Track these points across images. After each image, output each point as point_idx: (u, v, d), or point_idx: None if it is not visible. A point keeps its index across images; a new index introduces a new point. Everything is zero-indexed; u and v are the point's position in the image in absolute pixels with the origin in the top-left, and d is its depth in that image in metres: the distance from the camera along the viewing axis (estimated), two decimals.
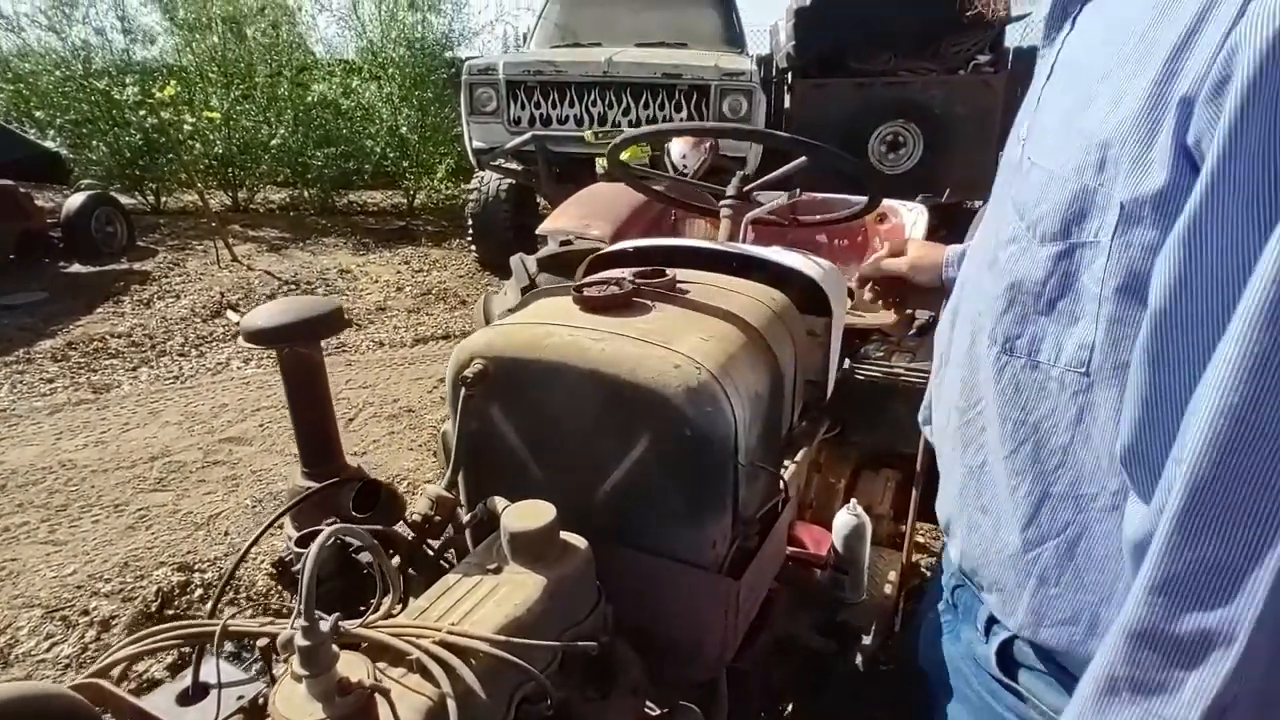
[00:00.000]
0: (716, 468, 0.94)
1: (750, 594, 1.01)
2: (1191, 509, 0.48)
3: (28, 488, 3.15)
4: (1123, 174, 0.55)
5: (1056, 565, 0.69)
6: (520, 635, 0.82)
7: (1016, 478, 0.70)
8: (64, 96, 8.37)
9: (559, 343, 0.97)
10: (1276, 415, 0.44)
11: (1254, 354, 0.45)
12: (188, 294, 5.90)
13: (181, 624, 0.76)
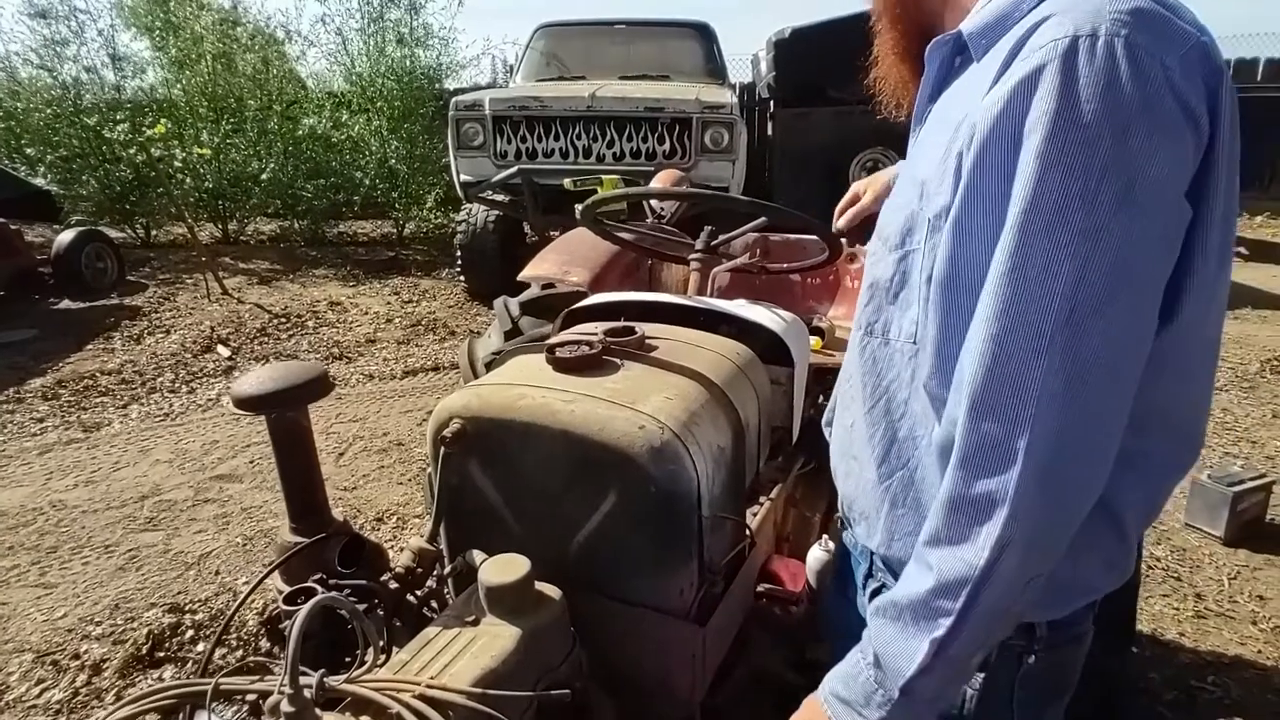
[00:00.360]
0: (681, 520, 1.01)
1: (717, 638, 1.07)
2: (971, 409, 0.69)
3: (18, 529, 3.18)
4: (930, 199, 0.78)
5: (903, 491, 0.87)
6: (497, 686, 0.87)
7: (873, 428, 0.89)
8: (54, 133, 8.44)
9: (531, 404, 1.03)
10: (1019, 342, 0.66)
11: (1003, 300, 0.67)
12: (178, 329, 5.93)
13: (176, 684, 0.82)
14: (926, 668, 0.72)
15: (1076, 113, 0.63)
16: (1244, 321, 5.99)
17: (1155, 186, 0.64)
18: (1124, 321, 0.66)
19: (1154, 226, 0.65)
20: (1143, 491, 0.80)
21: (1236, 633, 2.51)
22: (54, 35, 8.91)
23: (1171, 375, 0.75)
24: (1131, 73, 0.62)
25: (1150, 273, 0.67)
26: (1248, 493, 2.97)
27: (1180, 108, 0.64)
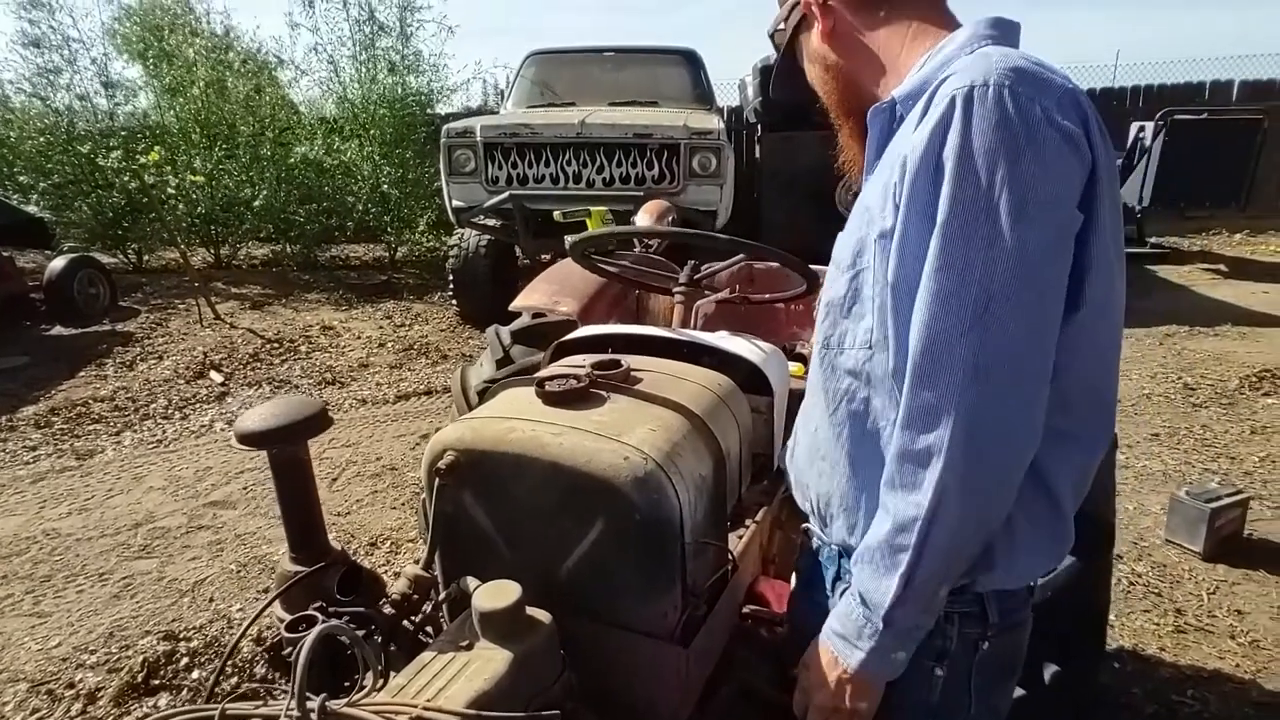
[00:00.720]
0: (665, 546, 1.06)
1: (701, 659, 1.12)
2: (912, 381, 0.84)
3: (11, 558, 3.19)
4: (874, 224, 0.92)
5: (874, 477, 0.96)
6: (490, 707, 0.92)
7: (839, 428, 1.00)
8: (47, 160, 8.50)
9: (521, 437, 1.09)
10: (947, 325, 0.81)
11: (932, 292, 0.82)
12: (170, 355, 5.96)
13: (183, 710, 0.86)
14: (899, 599, 0.88)
15: (978, 144, 0.79)
16: (1223, 338, 6.10)
17: (1045, 201, 0.79)
18: (1029, 308, 0.81)
19: (1047, 233, 0.81)
20: (1072, 466, 0.94)
21: (1215, 647, 2.56)
22: (47, 64, 9.01)
23: (1085, 354, 0.89)
24: (1016, 112, 0.79)
25: (1047, 269, 0.81)
26: (1225, 509, 3.04)
27: (1061, 137, 0.80)
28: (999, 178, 0.78)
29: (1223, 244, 10.15)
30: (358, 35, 9.75)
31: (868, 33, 1.03)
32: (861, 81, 1.06)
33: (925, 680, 0.98)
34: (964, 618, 0.96)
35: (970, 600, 0.96)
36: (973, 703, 0.99)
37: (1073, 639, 1.48)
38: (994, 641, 0.98)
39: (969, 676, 0.98)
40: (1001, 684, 1.04)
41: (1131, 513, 3.45)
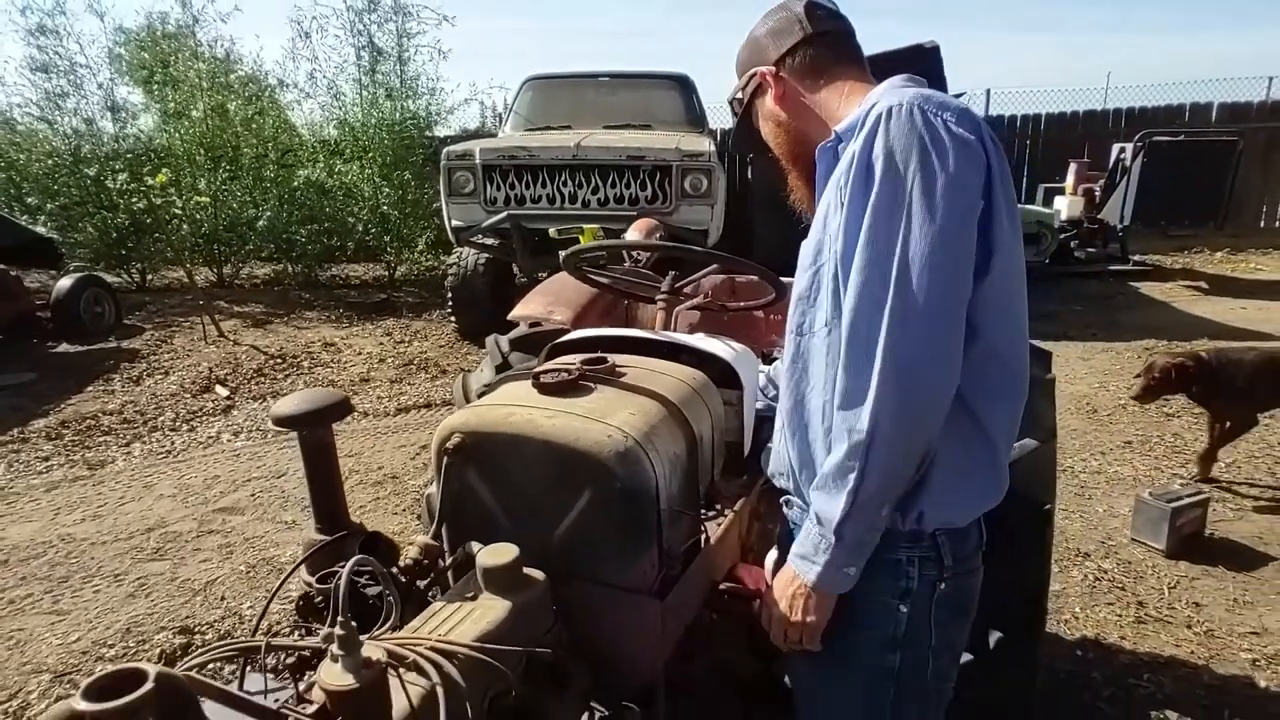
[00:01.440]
0: (643, 513, 1.22)
1: (675, 612, 1.28)
2: (848, 333, 1.06)
3: (29, 561, 3.33)
4: (828, 226, 1.14)
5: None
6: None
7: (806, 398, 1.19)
8: (54, 182, 8.70)
9: (519, 419, 1.26)
10: (875, 284, 1.02)
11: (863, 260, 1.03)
12: (176, 370, 6.12)
13: (235, 641, 1.02)
14: (848, 514, 1.06)
15: (896, 148, 1.02)
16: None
17: (948, 190, 1.00)
18: (942, 269, 1.00)
19: (953, 217, 1.01)
20: (1000, 411, 1.13)
21: (1173, 636, 2.72)
22: (55, 89, 9.24)
23: (995, 313, 1.09)
24: (924, 124, 1.02)
25: (953, 241, 1.01)
26: (1186, 508, 3.20)
27: (959, 142, 1.02)
28: (911, 171, 1.01)
29: (1204, 261, 10.39)
30: (359, 62, 10.02)
31: (810, 95, 1.26)
32: (808, 134, 1.28)
33: (891, 616, 1.15)
34: (923, 561, 1.14)
35: (928, 546, 1.14)
36: (933, 636, 1.16)
37: (1015, 612, 1.64)
38: (950, 583, 1.15)
39: (929, 613, 1.15)
40: (958, 620, 1.20)
41: (1101, 515, 3.61)
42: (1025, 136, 12.10)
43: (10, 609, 2.97)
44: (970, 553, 1.20)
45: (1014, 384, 1.15)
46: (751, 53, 1.32)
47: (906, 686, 1.17)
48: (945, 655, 1.19)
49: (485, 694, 1.06)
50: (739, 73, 1.35)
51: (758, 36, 1.31)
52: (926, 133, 1.01)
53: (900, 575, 1.14)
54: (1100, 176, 9.81)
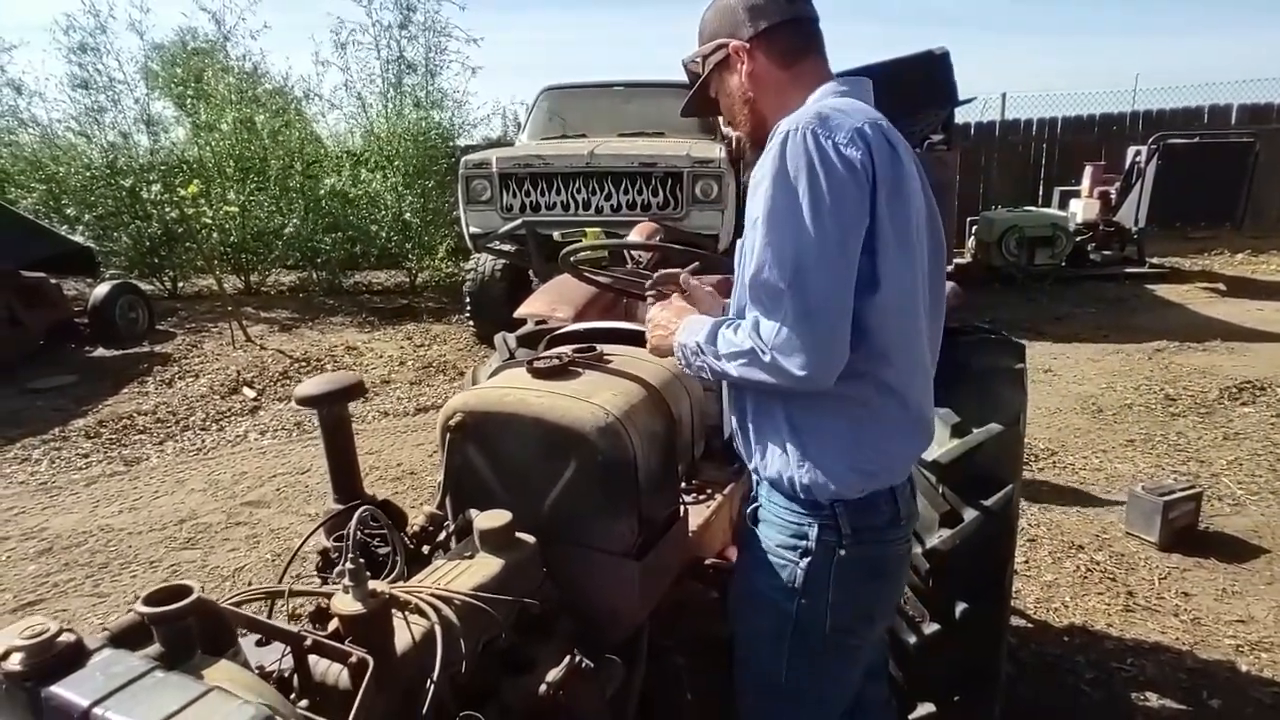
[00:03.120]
0: (623, 483, 1.36)
1: (652, 573, 1.42)
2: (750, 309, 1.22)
3: (72, 549, 3.54)
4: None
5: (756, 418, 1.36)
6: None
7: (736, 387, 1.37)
8: (90, 194, 9.06)
9: (513, 399, 1.40)
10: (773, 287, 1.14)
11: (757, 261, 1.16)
12: (206, 373, 6.36)
13: (261, 588, 1.17)
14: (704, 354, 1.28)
15: (790, 168, 1.14)
16: (1211, 353, 6.30)
17: (833, 206, 1.12)
18: (824, 274, 1.13)
19: (836, 229, 1.12)
20: (887, 405, 1.25)
21: (1159, 624, 2.80)
22: (93, 104, 9.62)
23: (894, 315, 1.21)
24: (814, 146, 1.13)
25: (834, 249, 1.13)
26: (1178, 502, 3.27)
27: (844, 164, 1.13)
28: (801, 190, 1.13)
29: (1224, 263, 10.32)
30: (386, 74, 10.31)
31: (777, 78, 1.33)
32: (768, 115, 1.33)
33: (790, 569, 1.31)
34: (821, 528, 1.28)
35: (826, 515, 1.27)
36: (830, 592, 1.29)
37: (979, 585, 1.76)
38: (849, 550, 1.27)
39: (829, 571, 1.28)
40: (869, 584, 1.32)
41: (1098, 510, 3.68)
42: (1041, 140, 12.10)
43: (55, 591, 3.18)
44: (880, 525, 1.30)
45: (912, 371, 1.27)
46: (723, 22, 1.34)
47: (806, 631, 1.32)
48: (847, 611, 1.31)
49: (479, 637, 1.20)
50: (703, 38, 1.38)
51: (733, 6, 1.32)
52: (818, 157, 1.12)
53: (801, 536, 1.29)
54: (1116, 179, 9.81)
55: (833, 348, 1.14)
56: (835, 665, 1.38)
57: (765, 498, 1.36)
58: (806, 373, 1.14)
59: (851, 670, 1.42)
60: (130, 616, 0.87)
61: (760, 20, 1.30)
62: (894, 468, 1.29)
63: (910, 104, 7.34)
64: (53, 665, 0.77)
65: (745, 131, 1.40)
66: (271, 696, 0.84)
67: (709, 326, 1.29)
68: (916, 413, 1.28)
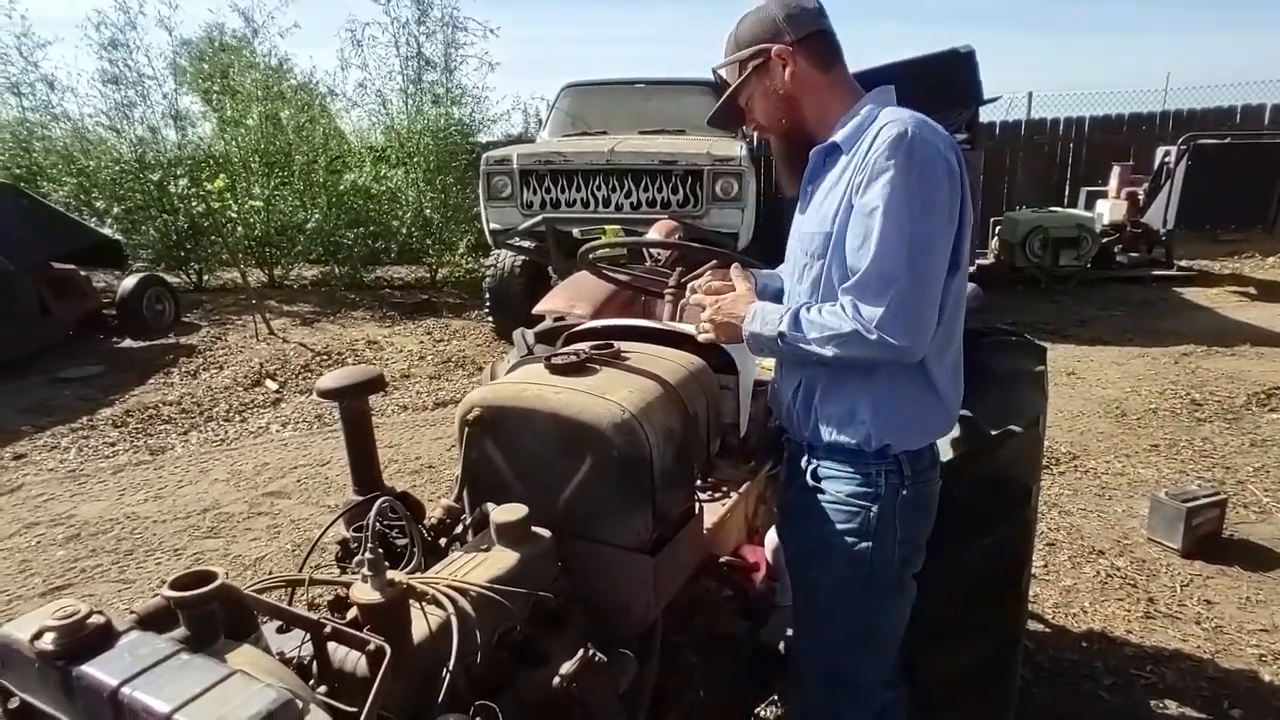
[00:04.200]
0: (638, 479, 1.37)
1: (666, 569, 1.42)
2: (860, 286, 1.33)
3: (99, 535, 3.62)
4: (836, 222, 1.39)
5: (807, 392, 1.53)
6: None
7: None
8: (119, 187, 9.22)
9: (531, 395, 1.42)
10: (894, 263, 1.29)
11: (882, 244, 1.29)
12: (230, 365, 6.46)
13: (283, 576, 1.20)
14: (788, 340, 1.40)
15: (914, 163, 1.28)
16: (1240, 358, 6.19)
17: (941, 202, 1.31)
18: (931, 259, 1.31)
19: (940, 221, 1.31)
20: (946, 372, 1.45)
21: (1180, 631, 2.76)
22: (123, 99, 9.78)
23: (954, 302, 1.40)
24: (923, 149, 1.29)
25: (941, 241, 1.32)
26: (1202, 508, 3.23)
27: (945, 165, 1.31)
28: (925, 185, 1.29)
29: (1255, 267, 10.12)
30: (406, 71, 10.38)
31: (817, 80, 1.45)
32: (806, 117, 1.47)
33: (865, 513, 1.46)
34: (888, 473, 1.45)
35: (892, 461, 1.45)
36: (898, 529, 1.46)
37: (996, 588, 1.75)
38: (910, 490, 1.46)
39: (893, 510, 1.46)
40: (919, 519, 1.51)
41: (1120, 515, 3.64)
42: (1069, 139, 11.91)
43: (83, 577, 3.25)
44: (926, 466, 1.50)
45: (958, 352, 1.48)
46: (762, 29, 1.44)
47: (877, 570, 1.48)
48: (909, 545, 1.50)
49: (494, 628, 1.21)
50: (739, 46, 1.47)
51: (772, 16, 1.43)
52: (926, 157, 1.29)
53: (871, 484, 1.46)
54: (1145, 180, 9.65)
55: (930, 324, 1.32)
56: (899, 602, 1.54)
57: (827, 455, 1.50)
58: (909, 345, 1.30)
59: (907, 609, 1.56)
60: (157, 600, 0.90)
61: (800, 28, 1.42)
62: (947, 424, 1.50)
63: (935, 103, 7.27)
64: (83, 645, 0.79)
65: (781, 133, 1.51)
66: (292, 681, 0.86)
67: (787, 314, 1.40)
68: (959, 377, 1.50)
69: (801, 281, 1.49)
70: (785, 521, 1.69)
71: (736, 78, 1.48)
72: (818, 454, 1.52)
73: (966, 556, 1.73)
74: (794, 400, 1.53)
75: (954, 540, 1.74)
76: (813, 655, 1.64)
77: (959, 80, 7.30)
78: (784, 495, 1.68)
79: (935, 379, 1.43)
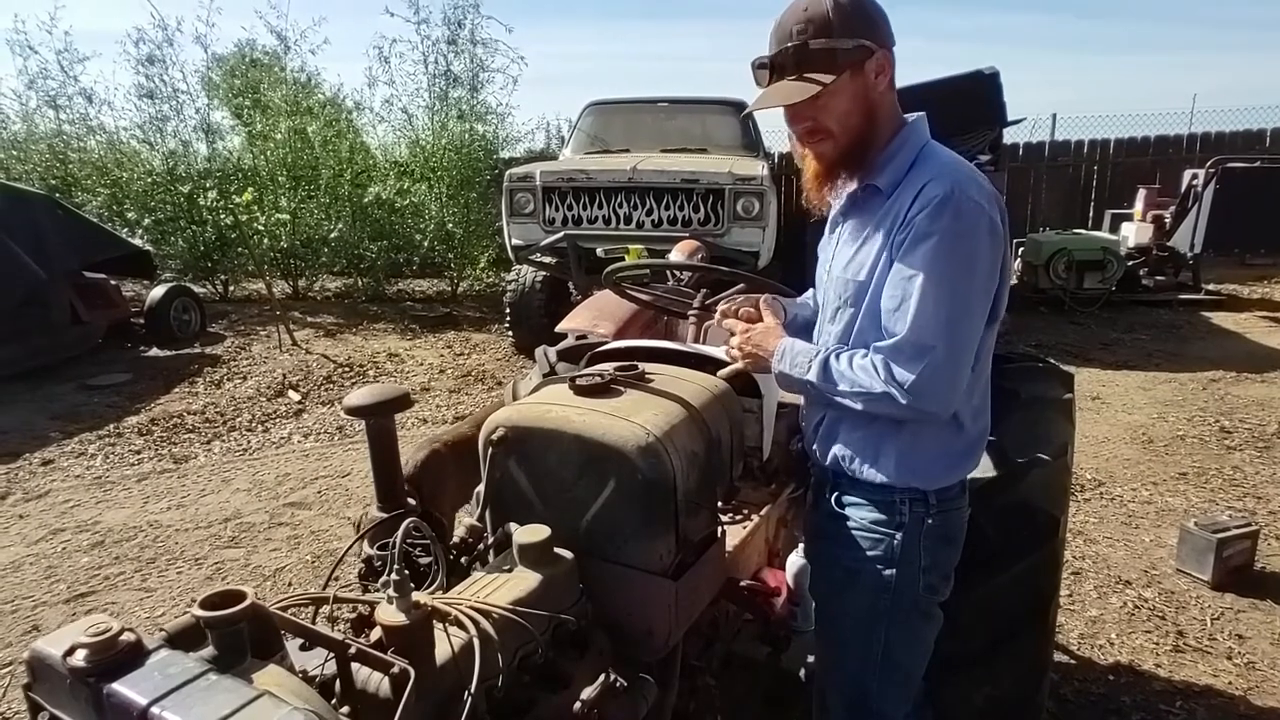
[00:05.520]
0: (662, 502, 1.36)
1: (688, 594, 1.41)
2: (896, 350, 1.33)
3: (122, 543, 3.66)
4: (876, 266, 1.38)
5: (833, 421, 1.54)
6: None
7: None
8: (150, 199, 9.41)
9: (556, 416, 1.42)
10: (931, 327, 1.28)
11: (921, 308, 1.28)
12: (253, 375, 6.54)
13: (307, 593, 1.20)
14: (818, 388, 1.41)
15: (958, 230, 1.28)
16: (1271, 384, 6.07)
17: (981, 264, 1.31)
18: (969, 324, 1.32)
19: (980, 283, 1.32)
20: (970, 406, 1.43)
21: (1211, 666, 2.69)
22: (157, 113, 10.01)
23: (987, 349, 1.41)
24: (969, 211, 1.29)
25: (980, 302, 1.33)
26: (1233, 539, 3.15)
27: (988, 224, 1.30)
28: (967, 252, 1.29)
29: None
30: (432, 87, 10.53)
31: (890, 99, 1.40)
32: (877, 133, 1.39)
33: (888, 541, 1.46)
34: (913, 503, 1.44)
35: (916, 492, 1.44)
36: (922, 554, 1.46)
37: (1022, 618, 1.72)
38: (935, 518, 1.45)
39: (919, 539, 1.45)
40: (946, 547, 1.50)
41: (1147, 544, 3.57)
42: (1093, 161, 11.83)
43: (106, 584, 3.29)
44: (954, 495, 1.49)
45: (986, 386, 1.48)
46: (866, 24, 1.31)
47: (903, 598, 1.47)
48: (933, 573, 1.48)
49: (516, 650, 1.21)
50: (838, 31, 1.29)
51: (872, 14, 1.33)
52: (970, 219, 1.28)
53: (895, 513, 1.45)
54: (1171, 203, 9.54)
55: (961, 386, 1.33)
56: (924, 631, 1.53)
57: (851, 483, 1.49)
58: (939, 409, 1.33)
59: (932, 638, 1.55)
60: (186, 619, 0.90)
61: (889, 35, 1.35)
62: (974, 460, 1.51)
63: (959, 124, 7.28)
64: (114, 663, 0.80)
65: (841, 145, 1.38)
66: (317, 703, 0.86)
67: (817, 360, 1.40)
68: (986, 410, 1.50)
69: (834, 322, 1.49)
70: (812, 546, 1.69)
71: (825, 67, 1.30)
72: (841, 483, 1.52)
73: (992, 586, 1.70)
74: (816, 432, 1.55)
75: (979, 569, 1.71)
76: (836, 683, 1.62)
77: (983, 102, 7.30)
78: (811, 518, 1.68)
79: (963, 419, 1.42)
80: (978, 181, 1.32)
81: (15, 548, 3.62)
